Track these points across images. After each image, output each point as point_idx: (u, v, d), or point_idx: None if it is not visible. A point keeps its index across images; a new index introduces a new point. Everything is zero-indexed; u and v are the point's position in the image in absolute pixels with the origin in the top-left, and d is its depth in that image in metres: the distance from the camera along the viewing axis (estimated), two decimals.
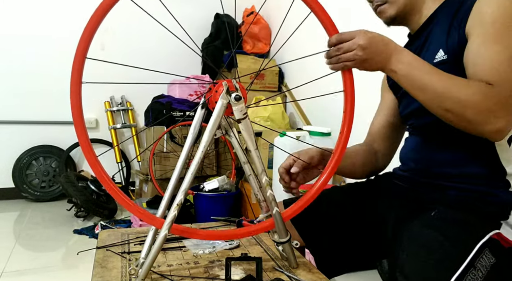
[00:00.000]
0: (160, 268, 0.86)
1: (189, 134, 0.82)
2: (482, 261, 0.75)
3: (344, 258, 1.05)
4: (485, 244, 0.77)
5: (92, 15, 0.66)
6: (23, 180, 3.08)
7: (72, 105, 0.68)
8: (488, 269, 0.75)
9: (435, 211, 0.86)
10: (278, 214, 0.82)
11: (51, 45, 3.08)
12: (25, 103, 3.10)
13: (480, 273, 0.74)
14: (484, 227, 0.80)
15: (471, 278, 0.73)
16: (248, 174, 0.84)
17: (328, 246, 1.04)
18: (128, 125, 3.33)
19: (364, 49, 0.78)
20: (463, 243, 0.77)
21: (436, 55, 0.89)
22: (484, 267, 0.75)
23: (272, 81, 3.10)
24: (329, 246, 1.04)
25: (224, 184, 2.52)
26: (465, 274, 0.73)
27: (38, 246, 2.30)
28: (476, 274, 0.74)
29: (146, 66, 3.78)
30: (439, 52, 0.88)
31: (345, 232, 1.03)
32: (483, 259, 0.75)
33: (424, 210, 0.89)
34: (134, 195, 3.19)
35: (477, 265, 0.74)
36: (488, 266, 0.75)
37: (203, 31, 3.43)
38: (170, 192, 0.81)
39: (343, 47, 0.79)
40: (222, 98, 0.75)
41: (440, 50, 0.88)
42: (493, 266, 0.76)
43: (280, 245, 0.88)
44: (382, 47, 0.80)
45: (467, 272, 0.73)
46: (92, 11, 0.66)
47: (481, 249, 0.76)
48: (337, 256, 1.04)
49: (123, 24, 3.10)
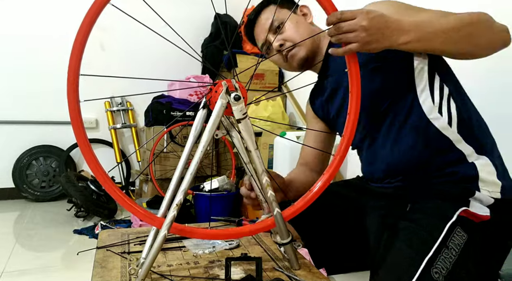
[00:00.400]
0: (160, 268, 0.86)
1: (190, 134, 0.82)
2: (454, 239, 0.78)
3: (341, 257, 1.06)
4: (454, 223, 0.80)
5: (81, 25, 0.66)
6: (23, 180, 3.09)
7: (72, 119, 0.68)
8: (462, 246, 0.78)
9: (410, 205, 0.91)
10: (279, 215, 0.82)
11: (51, 45, 3.07)
12: (25, 103, 3.10)
13: (453, 251, 0.77)
14: (451, 208, 0.83)
15: (444, 257, 0.76)
16: (250, 174, 0.84)
17: (325, 244, 1.05)
18: (128, 125, 3.33)
19: (367, 30, 0.74)
20: (433, 226, 0.80)
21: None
22: (457, 245, 0.78)
23: (272, 81, 3.10)
24: (326, 244, 1.05)
25: (224, 184, 2.52)
26: (437, 255, 0.76)
27: (38, 246, 2.30)
28: (449, 253, 0.77)
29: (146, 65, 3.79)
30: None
31: (340, 229, 1.05)
32: (455, 238, 0.78)
33: (400, 205, 0.92)
34: (134, 195, 3.19)
35: (450, 245, 0.77)
36: (462, 243, 0.78)
37: (203, 31, 3.43)
38: (172, 192, 0.81)
39: (343, 27, 0.74)
40: (221, 98, 0.75)
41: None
42: (466, 243, 0.79)
43: (282, 247, 0.88)
44: (384, 25, 0.76)
45: (440, 252, 0.76)
46: None
47: (451, 228, 0.79)
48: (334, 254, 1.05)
49: (123, 24, 3.10)
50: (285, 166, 2.15)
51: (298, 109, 2.87)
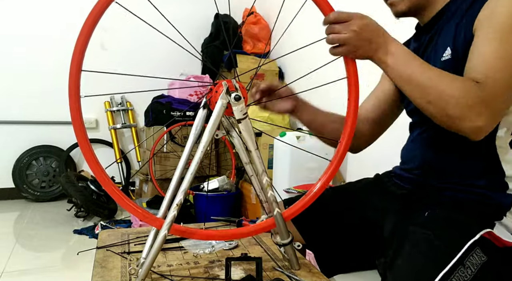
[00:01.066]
0: (160, 268, 0.86)
1: (190, 134, 0.82)
2: (472, 259, 0.75)
3: (344, 257, 1.05)
4: (476, 243, 0.77)
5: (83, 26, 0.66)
6: (23, 180, 3.08)
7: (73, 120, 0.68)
8: (479, 267, 0.75)
9: (429, 211, 0.87)
10: (279, 215, 0.82)
11: (52, 45, 3.07)
12: (25, 103, 3.10)
13: (469, 271, 0.74)
14: (476, 226, 0.80)
15: (459, 275, 0.73)
16: (250, 174, 0.84)
17: (328, 244, 1.05)
18: (128, 125, 3.33)
19: (357, 34, 0.76)
20: (453, 241, 0.78)
21: (444, 53, 0.87)
22: (474, 265, 0.75)
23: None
24: (329, 244, 1.05)
25: (224, 184, 2.52)
26: (452, 272, 0.73)
27: (38, 246, 2.30)
28: (465, 272, 0.74)
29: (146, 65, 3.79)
30: (447, 50, 0.87)
31: (345, 231, 1.04)
32: (473, 258, 0.76)
33: (419, 210, 0.89)
34: (134, 195, 3.19)
35: (467, 263, 0.75)
36: (479, 264, 0.75)
37: (203, 31, 3.43)
38: (172, 192, 0.81)
39: (335, 28, 0.76)
40: (222, 98, 0.75)
41: (448, 48, 0.87)
42: (484, 264, 0.76)
43: (282, 247, 0.88)
44: (374, 35, 0.78)
45: (455, 269, 0.74)
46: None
47: (472, 247, 0.76)
48: (337, 255, 1.05)
49: (123, 23, 3.09)
50: (285, 166, 2.15)
51: None
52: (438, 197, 0.91)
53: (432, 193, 0.93)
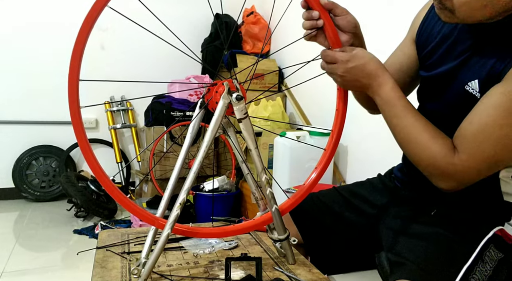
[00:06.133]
0: (160, 268, 0.86)
1: (187, 134, 0.82)
2: (489, 254, 0.77)
3: (344, 257, 1.05)
4: (490, 240, 0.78)
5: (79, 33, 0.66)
6: (23, 180, 3.08)
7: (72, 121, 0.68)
8: (496, 263, 0.77)
9: (435, 211, 0.87)
10: (277, 212, 0.83)
11: (51, 45, 3.07)
12: (25, 103, 3.10)
13: (488, 266, 0.76)
14: (486, 224, 0.81)
15: (480, 269, 0.75)
16: (246, 173, 0.84)
17: (328, 243, 1.05)
18: (128, 125, 3.32)
19: (342, 77, 0.81)
20: (468, 237, 0.79)
21: (469, 82, 0.77)
22: (492, 260, 0.77)
23: (272, 81, 3.10)
24: (328, 244, 1.05)
25: (224, 184, 2.52)
26: (474, 266, 0.75)
27: (38, 246, 2.30)
28: (485, 266, 0.76)
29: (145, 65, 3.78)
30: (474, 82, 0.76)
31: (345, 228, 1.04)
32: (490, 253, 0.77)
33: (424, 208, 0.89)
34: (134, 195, 3.19)
35: (485, 259, 0.76)
36: (496, 260, 0.77)
37: (204, 31, 3.43)
38: (170, 191, 0.81)
39: (325, 67, 0.82)
40: (223, 98, 0.75)
41: (476, 81, 0.76)
42: (500, 260, 0.77)
43: (278, 243, 0.88)
44: (360, 77, 0.80)
45: (476, 264, 0.75)
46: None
47: (487, 244, 0.78)
48: (337, 254, 1.05)
49: (123, 23, 3.09)
50: (285, 166, 2.15)
51: (298, 109, 2.87)
52: (443, 197, 0.89)
53: (437, 192, 0.93)
